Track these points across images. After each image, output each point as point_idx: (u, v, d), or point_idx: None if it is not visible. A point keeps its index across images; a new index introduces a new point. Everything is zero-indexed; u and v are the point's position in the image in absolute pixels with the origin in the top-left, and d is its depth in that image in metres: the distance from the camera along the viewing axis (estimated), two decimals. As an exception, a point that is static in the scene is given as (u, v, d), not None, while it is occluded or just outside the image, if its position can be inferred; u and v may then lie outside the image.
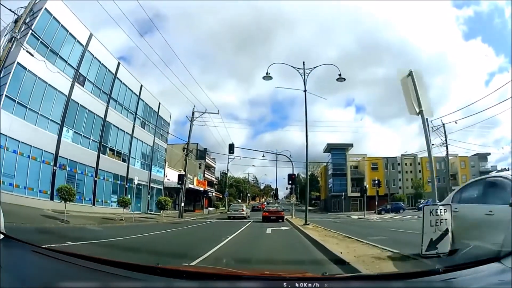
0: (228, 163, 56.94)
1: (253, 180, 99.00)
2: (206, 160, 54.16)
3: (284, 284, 1.74)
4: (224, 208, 54.69)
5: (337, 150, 59.57)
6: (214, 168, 63.64)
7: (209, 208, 47.29)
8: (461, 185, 6.93)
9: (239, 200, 69.71)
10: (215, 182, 64.35)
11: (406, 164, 56.15)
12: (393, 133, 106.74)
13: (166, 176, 35.05)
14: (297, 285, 1.70)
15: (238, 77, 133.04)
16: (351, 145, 61.32)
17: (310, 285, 1.70)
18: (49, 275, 1.84)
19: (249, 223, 19.97)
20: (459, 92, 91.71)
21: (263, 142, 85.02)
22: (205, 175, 54.29)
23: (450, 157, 46.62)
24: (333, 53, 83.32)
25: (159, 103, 33.77)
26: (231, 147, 24.08)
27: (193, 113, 29.23)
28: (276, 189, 48.98)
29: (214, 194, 57.20)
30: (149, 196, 30.61)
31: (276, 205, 31.60)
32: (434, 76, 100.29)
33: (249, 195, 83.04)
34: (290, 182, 23.68)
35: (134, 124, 28.44)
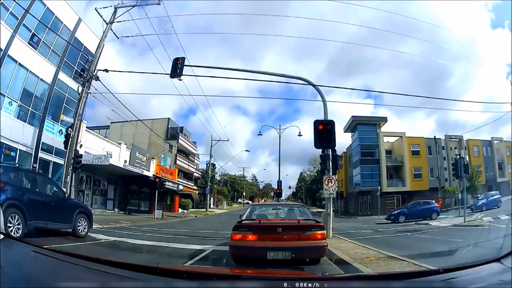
0: (211, 145, 42.58)
1: (252, 179, 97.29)
2: (181, 141, 40.64)
3: (284, 284, 1.81)
4: (202, 210, 42.15)
5: (366, 127, 43.47)
6: (195, 155, 48.75)
7: (181, 210, 36.45)
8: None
9: (233, 201, 67.22)
10: (197, 175, 50.70)
11: (450, 149, 42.83)
12: (409, 129, 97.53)
13: (80, 144, 18.32)
14: (297, 285, 1.78)
15: (242, 58, 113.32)
16: (385, 119, 44.31)
17: (310, 285, 1.78)
18: (49, 275, 1.91)
19: None
20: (483, 81, 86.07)
21: (269, 137, 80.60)
22: (181, 163, 41.63)
23: (494, 141, 42.28)
24: (352, 28, 75.50)
25: (79, 19, 20.78)
26: (176, 62, 13.15)
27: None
28: (279, 182, 33.30)
29: (182, 187, 39.20)
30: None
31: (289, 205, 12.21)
32: (460, 62, 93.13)
33: (244, 194, 75.27)
34: (320, 133, 11.05)
35: (14, 33, 16.26)
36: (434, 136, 41.98)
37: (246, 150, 57.21)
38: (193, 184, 46.44)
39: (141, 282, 1.95)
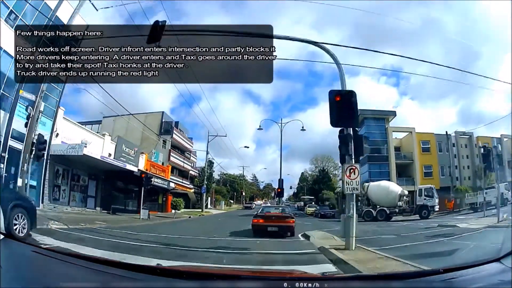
0: (208, 141, 39.86)
1: (252, 179, 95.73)
2: (175, 137, 38.05)
3: (284, 284, 1.82)
4: (198, 210, 38.89)
5: (373, 121, 41.75)
6: (190, 152, 45.78)
7: (173, 210, 31.17)
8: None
9: (232, 201, 66.03)
10: (193, 173, 48.47)
11: (461, 146, 40.91)
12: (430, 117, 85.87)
13: (56, 133, 18.46)
14: (297, 285, 1.78)
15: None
16: (394, 113, 42.57)
17: (310, 285, 1.78)
18: (49, 275, 1.91)
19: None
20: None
21: (277, 129, 70.35)
22: (176, 160, 39.12)
23: (504, 138, 40.22)
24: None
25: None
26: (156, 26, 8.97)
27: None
28: (281, 181, 30.25)
29: (176, 186, 36.93)
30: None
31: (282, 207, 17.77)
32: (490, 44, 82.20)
33: (244, 194, 76.67)
34: (338, 106, 8.23)
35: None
36: (446, 132, 40.35)
37: (245, 147, 55.81)
38: (188, 183, 44.30)
39: (141, 282, 1.96)
